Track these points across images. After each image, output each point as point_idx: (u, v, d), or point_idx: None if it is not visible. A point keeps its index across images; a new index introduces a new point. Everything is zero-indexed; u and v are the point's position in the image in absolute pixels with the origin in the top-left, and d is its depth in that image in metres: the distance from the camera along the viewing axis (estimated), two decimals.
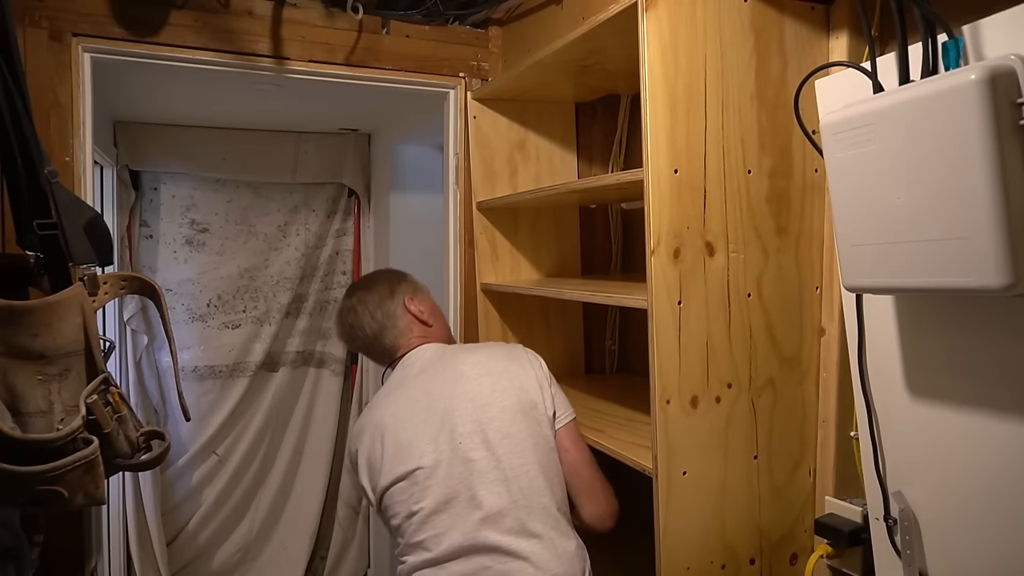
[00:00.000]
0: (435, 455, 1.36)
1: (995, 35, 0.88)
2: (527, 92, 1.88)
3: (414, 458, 1.37)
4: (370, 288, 1.67)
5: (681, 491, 1.24)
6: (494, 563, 1.29)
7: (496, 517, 1.31)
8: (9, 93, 1.03)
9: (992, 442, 0.94)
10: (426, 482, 1.35)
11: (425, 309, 1.65)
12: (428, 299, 1.70)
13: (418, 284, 1.72)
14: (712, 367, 1.25)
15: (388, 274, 1.73)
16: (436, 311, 1.69)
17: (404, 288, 1.66)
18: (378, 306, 1.62)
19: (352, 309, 1.64)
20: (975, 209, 0.79)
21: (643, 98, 1.18)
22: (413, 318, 1.62)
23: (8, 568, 1.15)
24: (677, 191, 1.21)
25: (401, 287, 1.67)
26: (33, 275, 1.14)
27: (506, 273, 1.97)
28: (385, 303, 1.62)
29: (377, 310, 1.62)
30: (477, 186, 1.92)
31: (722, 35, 1.23)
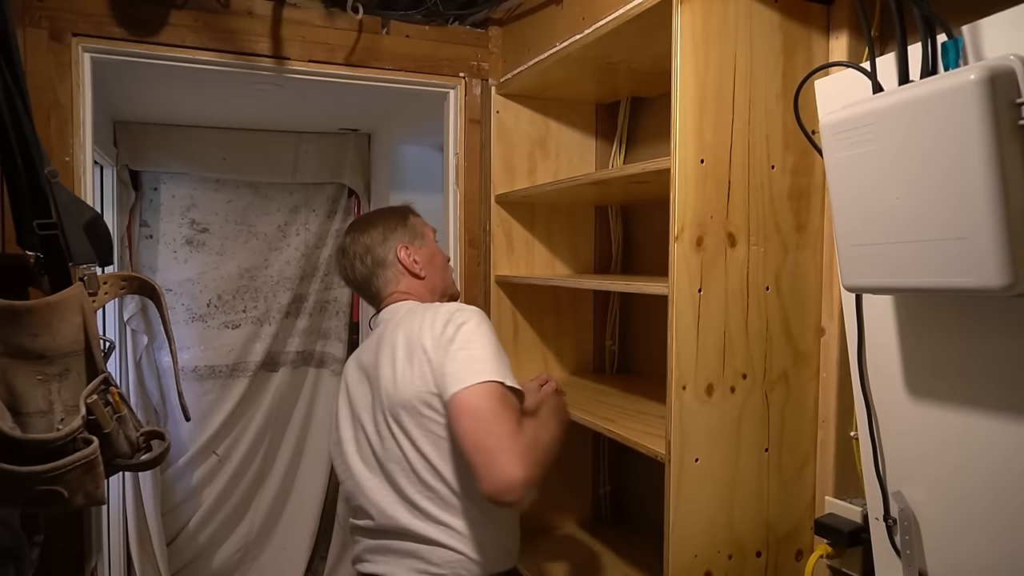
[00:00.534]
0: (353, 433, 1.45)
1: (995, 35, 0.88)
2: (550, 90, 1.90)
3: (342, 428, 1.48)
4: (365, 229, 1.56)
5: (692, 478, 1.25)
6: (399, 544, 1.34)
7: (392, 501, 1.35)
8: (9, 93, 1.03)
9: (991, 442, 0.94)
10: (341, 456, 1.46)
11: (421, 259, 1.54)
12: (427, 247, 1.57)
13: (419, 228, 1.58)
14: (728, 357, 1.28)
15: (388, 215, 1.59)
16: (434, 260, 1.57)
17: (400, 234, 1.54)
18: (367, 251, 1.52)
19: (344, 251, 1.56)
20: (975, 209, 0.79)
21: (674, 87, 1.21)
22: (403, 269, 1.52)
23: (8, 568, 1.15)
24: (703, 181, 1.24)
25: (397, 233, 1.54)
26: (33, 275, 1.14)
27: (520, 266, 1.99)
28: (375, 249, 1.52)
29: (367, 255, 1.52)
30: (496, 179, 1.95)
31: (752, 33, 1.27)
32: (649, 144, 1.91)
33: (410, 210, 1.61)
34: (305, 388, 3.28)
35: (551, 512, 2.03)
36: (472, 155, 1.96)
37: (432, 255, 1.57)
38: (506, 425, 1.21)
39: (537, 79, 1.80)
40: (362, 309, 3.31)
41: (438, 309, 1.38)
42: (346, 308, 3.33)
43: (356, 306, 3.34)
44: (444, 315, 1.35)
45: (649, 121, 1.93)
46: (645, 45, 1.48)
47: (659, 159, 1.29)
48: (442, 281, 1.58)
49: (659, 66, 1.62)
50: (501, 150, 1.94)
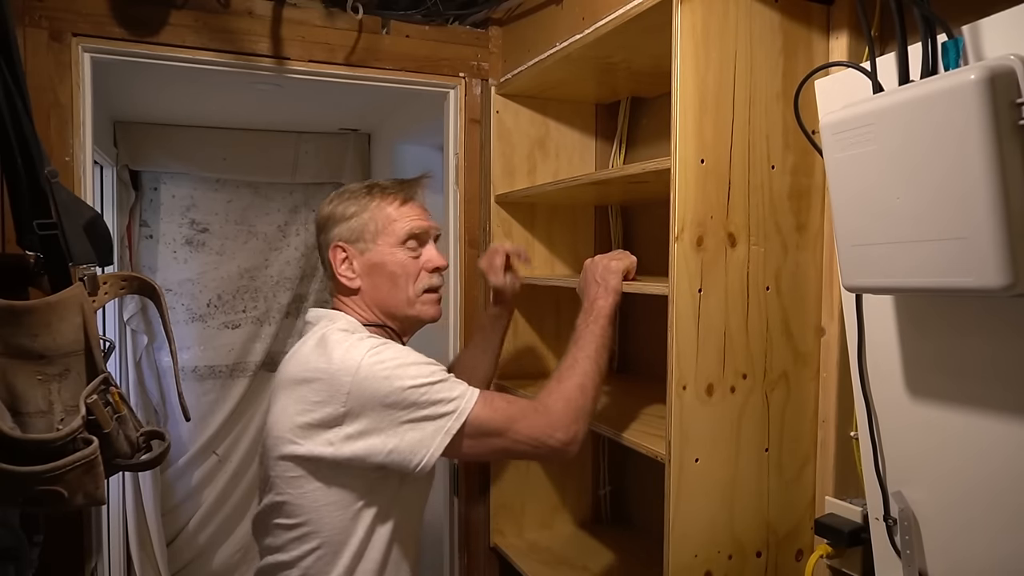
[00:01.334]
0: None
1: (995, 35, 0.88)
2: (549, 90, 1.90)
3: None
4: (333, 199, 1.32)
5: (692, 478, 1.25)
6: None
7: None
8: (9, 93, 1.03)
9: (992, 442, 0.94)
10: None
11: (359, 267, 1.26)
12: (378, 251, 1.26)
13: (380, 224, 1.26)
14: (728, 357, 1.28)
15: (358, 194, 1.31)
16: (381, 271, 1.26)
17: (345, 227, 1.27)
18: (318, 227, 1.32)
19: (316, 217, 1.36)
20: (975, 209, 0.79)
21: (674, 87, 1.21)
22: (331, 272, 1.29)
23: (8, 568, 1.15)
24: (703, 181, 1.24)
25: (343, 224, 1.27)
26: (33, 275, 1.14)
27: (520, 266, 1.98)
28: (320, 230, 1.31)
29: (318, 236, 1.32)
30: (496, 179, 1.94)
31: (752, 33, 1.26)
32: (649, 144, 1.91)
33: (393, 191, 1.31)
34: None
35: (551, 512, 2.03)
36: (472, 155, 1.96)
37: (380, 263, 1.27)
38: None
39: (537, 79, 1.80)
40: None
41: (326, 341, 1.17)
42: None
43: None
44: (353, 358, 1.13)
45: (649, 121, 1.93)
46: (645, 45, 1.48)
47: (659, 159, 1.29)
48: (386, 300, 1.28)
49: (659, 66, 1.62)
50: (501, 150, 1.94)
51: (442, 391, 1.15)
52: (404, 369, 1.14)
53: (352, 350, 1.16)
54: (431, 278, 1.31)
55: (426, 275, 1.31)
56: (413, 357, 1.17)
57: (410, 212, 1.31)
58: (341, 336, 1.20)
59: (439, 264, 1.32)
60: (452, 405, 1.14)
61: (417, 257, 1.30)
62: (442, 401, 1.14)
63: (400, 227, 1.28)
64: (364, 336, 1.22)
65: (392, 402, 1.12)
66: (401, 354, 1.17)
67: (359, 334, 1.23)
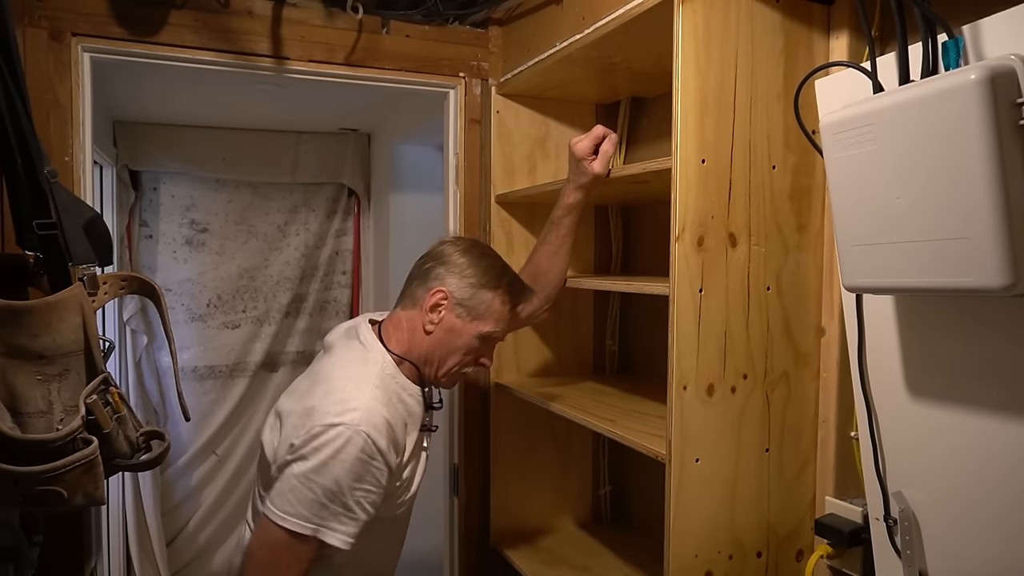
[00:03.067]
0: None
1: (995, 35, 0.88)
2: (550, 90, 1.90)
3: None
4: (470, 252, 1.41)
5: (693, 478, 1.25)
6: None
7: None
8: (9, 93, 1.03)
9: (992, 442, 0.94)
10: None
11: (442, 322, 1.35)
12: (463, 324, 1.36)
13: (482, 307, 1.36)
14: (729, 357, 1.28)
15: (492, 268, 1.41)
16: (452, 336, 1.36)
17: (460, 287, 1.36)
18: (436, 261, 1.39)
19: (441, 243, 1.45)
20: (975, 209, 0.79)
21: (675, 87, 1.21)
22: (420, 305, 1.37)
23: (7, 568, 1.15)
24: (704, 180, 1.24)
25: (461, 284, 1.36)
26: (33, 275, 1.14)
27: (520, 266, 1.97)
28: (438, 265, 1.38)
29: (432, 263, 1.39)
30: (496, 179, 1.94)
31: (753, 33, 1.26)
32: (649, 144, 1.91)
33: (513, 294, 1.42)
34: None
35: (551, 512, 2.03)
36: (472, 155, 1.96)
37: (460, 332, 1.36)
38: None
39: (537, 79, 1.80)
40: (362, 310, 3.31)
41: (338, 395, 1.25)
42: (346, 308, 3.33)
43: (356, 306, 3.34)
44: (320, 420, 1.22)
45: (649, 121, 1.93)
46: (646, 45, 1.48)
47: (660, 159, 1.29)
48: (432, 355, 1.37)
49: (659, 66, 1.62)
50: (501, 150, 1.94)
51: (338, 509, 1.21)
52: (342, 466, 1.20)
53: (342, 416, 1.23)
54: (472, 367, 1.44)
55: (472, 361, 1.42)
56: (361, 467, 1.21)
57: (506, 317, 1.43)
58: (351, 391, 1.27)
59: (486, 364, 1.45)
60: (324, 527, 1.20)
61: (478, 349, 1.41)
62: (328, 512, 1.20)
63: (492, 327, 1.39)
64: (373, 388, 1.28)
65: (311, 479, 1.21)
66: (363, 450, 1.21)
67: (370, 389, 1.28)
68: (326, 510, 1.20)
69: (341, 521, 1.21)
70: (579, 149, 1.44)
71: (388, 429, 1.25)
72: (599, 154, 1.43)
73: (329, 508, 1.20)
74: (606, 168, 1.44)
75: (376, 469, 1.23)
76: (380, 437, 1.22)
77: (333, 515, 1.20)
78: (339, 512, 1.21)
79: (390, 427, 1.26)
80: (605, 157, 1.42)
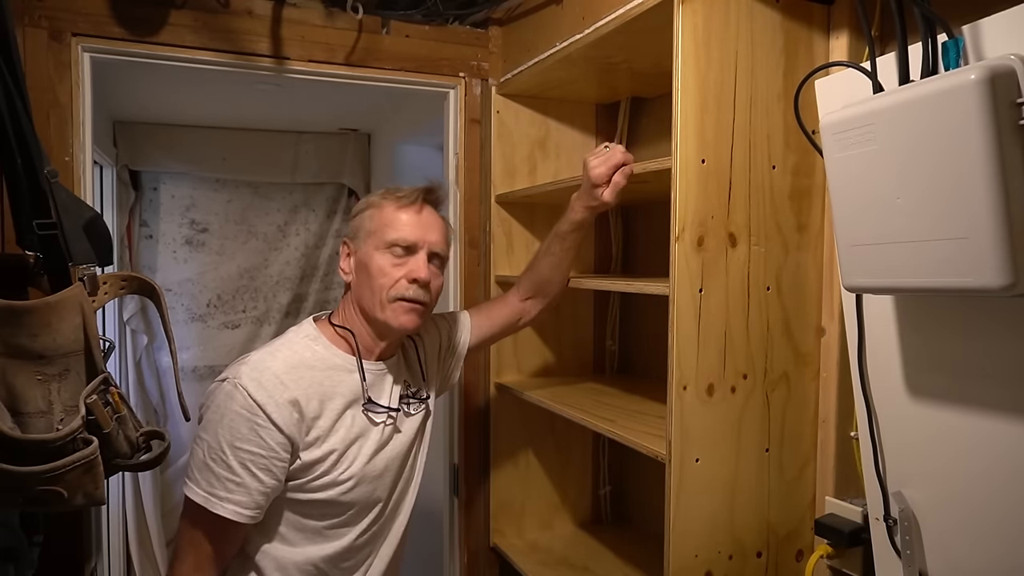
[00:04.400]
0: None
1: (995, 35, 0.88)
2: (550, 90, 1.90)
3: None
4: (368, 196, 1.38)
5: (693, 478, 1.26)
6: None
7: None
8: (9, 93, 1.03)
9: (992, 442, 0.94)
10: None
11: (353, 265, 1.32)
12: (366, 249, 1.29)
13: (376, 223, 1.29)
14: (729, 357, 1.28)
15: (371, 193, 1.37)
16: (366, 269, 1.28)
17: (350, 225, 1.34)
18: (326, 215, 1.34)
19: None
20: (975, 209, 0.79)
21: (675, 87, 1.21)
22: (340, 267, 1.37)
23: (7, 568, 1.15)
24: (703, 181, 1.24)
25: (350, 222, 1.35)
26: (33, 275, 1.14)
27: (520, 266, 1.97)
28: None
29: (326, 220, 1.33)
30: (496, 179, 1.94)
31: (753, 33, 1.27)
32: (649, 144, 1.91)
33: (401, 196, 1.31)
34: None
35: (551, 512, 2.03)
36: (472, 155, 1.96)
37: (364, 262, 1.29)
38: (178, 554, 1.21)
39: (537, 79, 1.80)
40: None
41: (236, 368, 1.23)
42: None
43: None
44: (210, 388, 1.23)
45: (649, 121, 1.93)
46: (646, 45, 1.48)
47: (660, 159, 1.29)
48: (363, 298, 1.30)
49: (659, 66, 1.62)
50: (501, 150, 1.94)
51: (222, 471, 1.17)
52: (220, 421, 1.18)
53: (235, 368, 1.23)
54: (408, 288, 1.28)
55: (404, 284, 1.28)
56: (241, 422, 1.17)
57: (407, 220, 1.29)
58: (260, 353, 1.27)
59: (418, 276, 1.28)
60: (212, 495, 1.17)
61: (400, 265, 1.28)
62: (214, 476, 1.17)
63: (388, 233, 1.28)
64: (275, 348, 1.28)
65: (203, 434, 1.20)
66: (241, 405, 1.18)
67: (269, 348, 1.28)
68: (211, 472, 1.16)
69: (226, 487, 1.15)
70: (595, 176, 1.39)
71: (277, 386, 1.19)
72: (611, 184, 1.39)
73: (213, 470, 1.16)
74: (616, 200, 1.41)
75: (259, 427, 1.16)
76: (260, 391, 1.17)
77: (218, 479, 1.15)
78: (223, 475, 1.15)
79: (282, 385, 1.20)
80: (616, 188, 1.39)
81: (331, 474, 1.25)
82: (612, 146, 1.41)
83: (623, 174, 1.38)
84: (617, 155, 1.38)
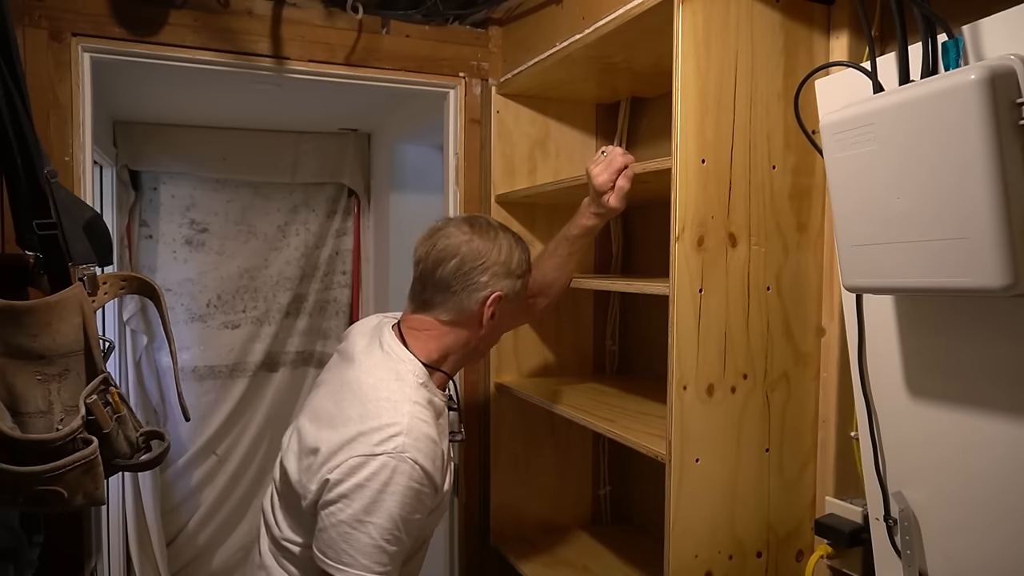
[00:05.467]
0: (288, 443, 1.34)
1: (995, 35, 0.88)
2: (550, 90, 1.90)
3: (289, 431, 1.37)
4: (491, 236, 1.29)
5: (693, 478, 1.26)
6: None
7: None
8: (9, 93, 1.03)
9: (992, 442, 0.94)
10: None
11: (498, 319, 1.31)
12: (513, 308, 1.34)
13: (521, 293, 1.34)
14: (729, 357, 1.28)
15: (521, 259, 1.32)
16: (501, 325, 1.35)
17: (509, 281, 1.28)
18: (465, 262, 1.24)
19: (441, 231, 1.29)
20: (975, 209, 0.79)
21: (675, 87, 1.21)
22: (473, 317, 1.27)
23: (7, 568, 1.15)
24: (703, 181, 1.24)
25: (509, 278, 1.28)
26: (33, 275, 1.14)
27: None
28: (475, 269, 1.25)
29: (460, 268, 1.24)
30: (496, 179, 1.94)
31: (753, 33, 1.27)
32: (649, 144, 1.91)
33: (524, 251, 1.34)
34: (305, 388, 3.28)
35: (551, 512, 2.03)
36: (472, 155, 1.96)
37: (505, 317, 1.34)
38: None
39: (537, 79, 1.80)
40: (362, 310, 3.31)
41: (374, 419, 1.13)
42: (346, 308, 3.33)
43: (356, 306, 3.34)
44: (359, 449, 1.11)
45: (649, 121, 1.93)
46: (646, 45, 1.48)
47: (660, 159, 1.29)
48: (485, 343, 1.35)
49: (659, 66, 1.62)
50: (501, 150, 1.94)
51: (395, 548, 1.12)
52: (393, 500, 1.10)
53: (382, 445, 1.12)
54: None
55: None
56: (414, 496, 1.12)
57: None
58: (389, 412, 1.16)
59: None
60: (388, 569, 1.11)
61: None
62: (388, 556, 1.11)
63: (523, 296, 1.37)
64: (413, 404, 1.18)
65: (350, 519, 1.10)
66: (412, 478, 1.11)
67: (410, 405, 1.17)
68: (385, 554, 1.09)
69: (396, 561, 1.13)
70: (599, 184, 1.38)
71: (433, 448, 1.15)
72: (615, 189, 1.39)
73: (387, 551, 1.09)
74: (623, 204, 1.41)
75: (425, 495, 1.13)
76: (427, 460, 1.12)
77: (392, 557, 1.10)
78: (397, 552, 1.11)
79: (435, 445, 1.16)
80: (621, 192, 1.39)
81: (442, 512, 1.29)
82: (610, 149, 1.41)
83: (626, 178, 1.38)
84: (617, 159, 1.38)
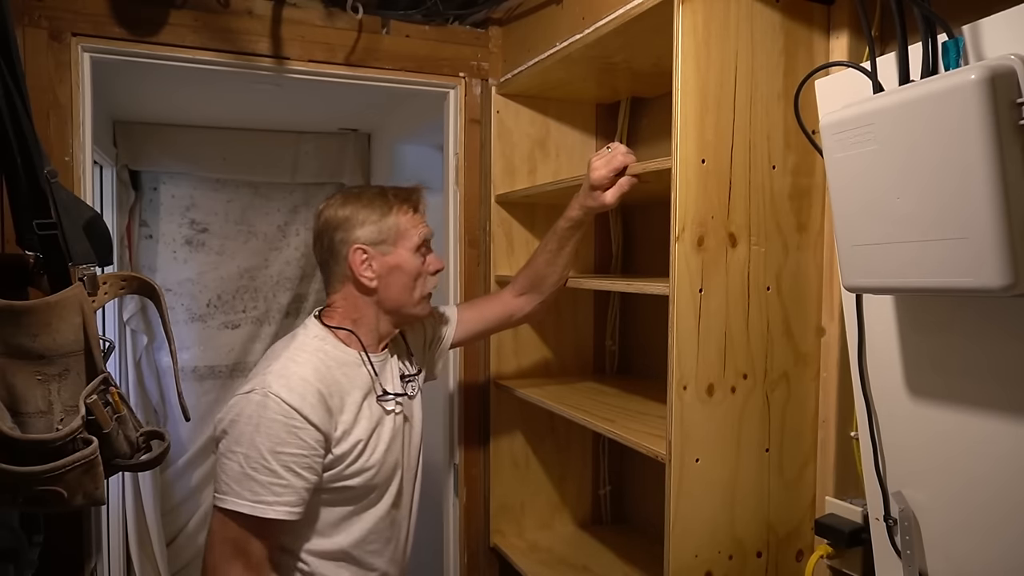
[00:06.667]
0: None
1: (995, 35, 0.88)
2: (550, 90, 1.90)
3: None
4: (341, 203, 1.36)
5: (693, 478, 1.26)
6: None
7: None
8: (9, 93, 1.03)
9: (993, 442, 0.94)
10: None
11: (379, 269, 1.33)
12: (397, 254, 1.34)
13: (400, 228, 1.34)
14: (729, 357, 1.28)
15: (373, 199, 1.36)
16: (399, 271, 1.34)
17: (367, 231, 1.32)
18: (327, 230, 1.35)
19: (316, 217, 1.40)
20: (975, 209, 0.79)
21: (675, 87, 1.21)
22: (350, 273, 1.34)
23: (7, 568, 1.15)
24: (703, 181, 1.24)
25: (365, 227, 1.33)
26: (33, 275, 1.14)
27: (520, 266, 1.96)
28: (334, 233, 1.34)
29: (325, 235, 1.36)
30: (496, 179, 1.94)
31: (753, 33, 1.27)
32: (649, 144, 1.91)
33: (405, 200, 1.38)
34: None
35: (551, 512, 2.03)
36: (472, 155, 1.96)
37: (398, 265, 1.35)
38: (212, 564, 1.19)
39: (537, 79, 1.80)
40: None
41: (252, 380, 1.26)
42: None
43: None
44: (233, 401, 1.26)
45: (649, 121, 1.93)
46: (646, 45, 1.48)
47: (660, 159, 1.29)
48: (398, 298, 1.36)
49: (659, 66, 1.62)
50: (501, 150, 1.94)
51: (266, 478, 1.18)
52: (257, 431, 1.20)
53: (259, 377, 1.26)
54: (432, 280, 1.42)
55: (429, 278, 1.41)
56: (280, 428, 1.20)
57: (419, 220, 1.40)
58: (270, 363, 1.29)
59: (439, 267, 1.43)
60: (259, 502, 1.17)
61: (423, 262, 1.39)
62: (258, 484, 1.18)
63: (415, 234, 1.37)
64: (293, 352, 1.30)
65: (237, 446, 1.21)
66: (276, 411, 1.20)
67: (287, 354, 1.30)
68: (254, 481, 1.17)
69: (274, 491, 1.17)
70: (597, 178, 1.40)
71: (303, 385, 1.23)
72: (616, 187, 1.40)
73: (256, 478, 1.17)
74: (617, 202, 1.42)
75: (298, 429, 1.20)
76: (292, 395, 1.20)
77: (263, 486, 1.17)
78: (268, 481, 1.17)
79: (307, 384, 1.23)
80: (620, 191, 1.40)
81: (358, 462, 1.31)
82: (614, 146, 1.43)
83: (628, 180, 1.41)
84: (619, 157, 1.40)
